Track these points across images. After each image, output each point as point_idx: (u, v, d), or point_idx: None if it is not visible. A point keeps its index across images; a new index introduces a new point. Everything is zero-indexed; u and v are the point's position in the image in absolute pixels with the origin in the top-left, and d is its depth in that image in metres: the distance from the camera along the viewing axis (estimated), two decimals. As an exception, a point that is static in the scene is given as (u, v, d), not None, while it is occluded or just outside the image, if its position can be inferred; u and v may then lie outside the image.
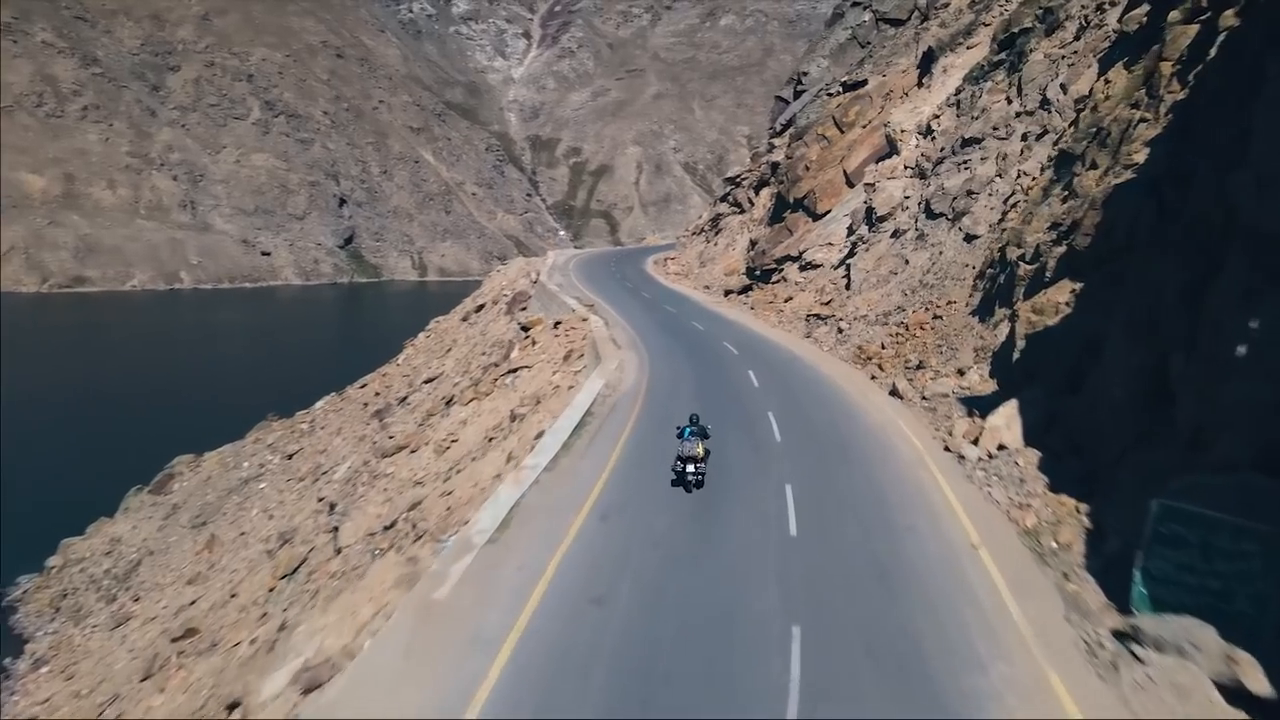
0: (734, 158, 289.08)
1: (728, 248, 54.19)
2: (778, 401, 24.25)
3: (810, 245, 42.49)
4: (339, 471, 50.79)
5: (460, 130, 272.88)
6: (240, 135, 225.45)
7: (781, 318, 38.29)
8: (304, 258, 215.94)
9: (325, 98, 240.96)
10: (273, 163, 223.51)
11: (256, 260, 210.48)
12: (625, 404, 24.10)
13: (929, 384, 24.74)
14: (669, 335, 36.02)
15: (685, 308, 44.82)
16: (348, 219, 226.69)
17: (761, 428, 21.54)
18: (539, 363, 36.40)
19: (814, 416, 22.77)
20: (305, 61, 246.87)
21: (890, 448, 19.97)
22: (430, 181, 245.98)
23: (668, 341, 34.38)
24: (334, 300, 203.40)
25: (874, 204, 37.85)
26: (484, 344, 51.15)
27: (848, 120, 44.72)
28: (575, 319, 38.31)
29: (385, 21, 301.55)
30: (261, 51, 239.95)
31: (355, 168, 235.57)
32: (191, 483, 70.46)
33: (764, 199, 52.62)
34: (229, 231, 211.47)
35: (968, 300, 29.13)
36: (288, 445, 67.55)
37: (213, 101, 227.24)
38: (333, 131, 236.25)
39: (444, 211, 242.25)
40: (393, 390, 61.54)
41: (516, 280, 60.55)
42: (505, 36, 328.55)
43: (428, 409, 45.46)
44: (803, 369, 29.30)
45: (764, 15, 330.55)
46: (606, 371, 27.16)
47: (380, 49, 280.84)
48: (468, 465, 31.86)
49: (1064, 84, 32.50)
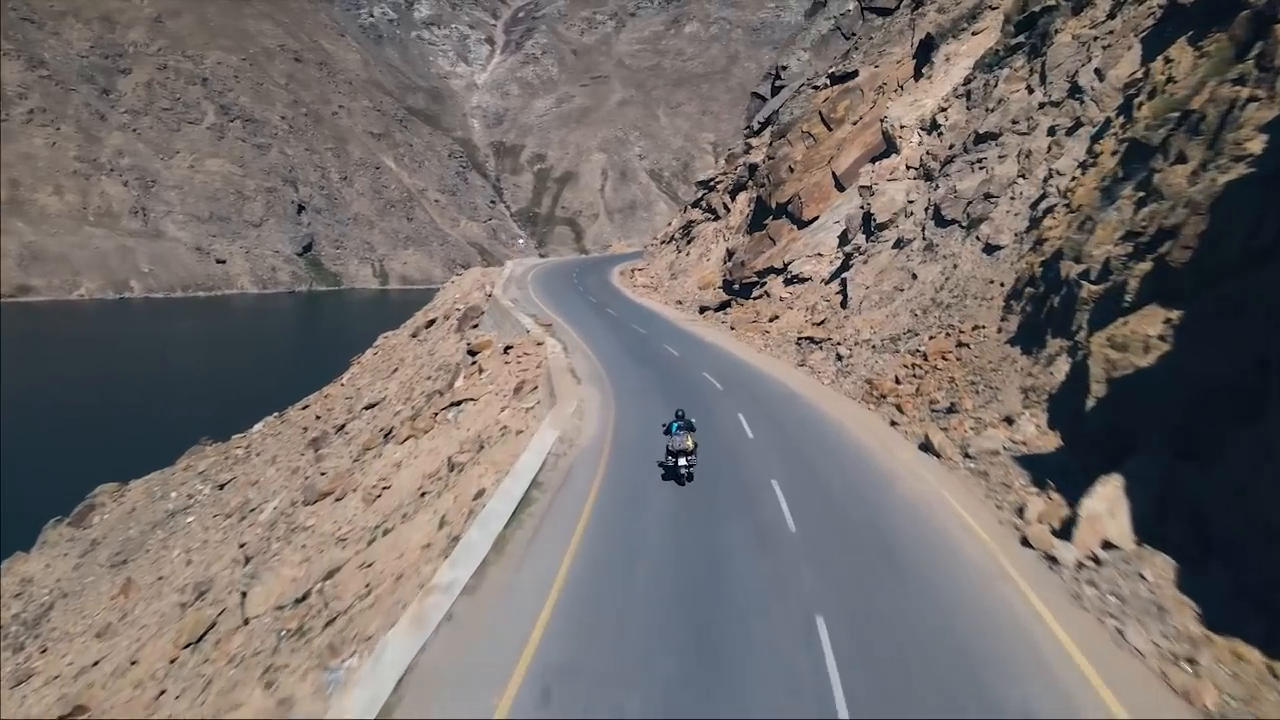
0: (700, 164, 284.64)
1: (701, 258, 48.48)
2: (781, 461, 18.56)
3: (796, 256, 36.99)
4: (265, 512, 44.52)
5: (423, 136, 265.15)
6: (194, 140, 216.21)
7: (768, 340, 32.62)
8: (260, 266, 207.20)
9: (283, 102, 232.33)
10: (228, 168, 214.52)
11: (211, 268, 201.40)
12: (584, 468, 18.26)
13: (970, 436, 19.19)
14: (638, 364, 30.13)
15: (656, 327, 38.89)
16: (306, 226, 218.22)
17: (766, 507, 15.78)
18: (486, 395, 30.40)
19: (833, 486, 17.05)
20: (262, 65, 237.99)
21: (946, 541, 14.29)
22: (392, 188, 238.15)
23: (638, 373, 28.49)
24: (291, 309, 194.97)
25: (872, 209, 32.39)
26: (430, 366, 44.99)
27: (836, 116, 39.34)
28: (529, 342, 32.34)
29: (345, 25, 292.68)
30: (216, 54, 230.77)
31: (314, 174, 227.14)
32: (114, 515, 63.60)
33: (741, 204, 47.02)
34: (182, 239, 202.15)
35: (999, 325, 23.67)
36: (220, 474, 60.92)
37: (165, 105, 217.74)
38: (291, 137, 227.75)
39: (406, 219, 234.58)
40: (333, 414, 55.10)
41: (470, 293, 54.45)
42: (468, 42, 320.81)
43: (364, 442, 39.20)
44: (804, 410, 23.58)
45: (728, 23, 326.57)
46: (561, 418, 21.28)
47: (340, 53, 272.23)
48: (396, 525, 25.96)
49: (1099, 69, 27.29)
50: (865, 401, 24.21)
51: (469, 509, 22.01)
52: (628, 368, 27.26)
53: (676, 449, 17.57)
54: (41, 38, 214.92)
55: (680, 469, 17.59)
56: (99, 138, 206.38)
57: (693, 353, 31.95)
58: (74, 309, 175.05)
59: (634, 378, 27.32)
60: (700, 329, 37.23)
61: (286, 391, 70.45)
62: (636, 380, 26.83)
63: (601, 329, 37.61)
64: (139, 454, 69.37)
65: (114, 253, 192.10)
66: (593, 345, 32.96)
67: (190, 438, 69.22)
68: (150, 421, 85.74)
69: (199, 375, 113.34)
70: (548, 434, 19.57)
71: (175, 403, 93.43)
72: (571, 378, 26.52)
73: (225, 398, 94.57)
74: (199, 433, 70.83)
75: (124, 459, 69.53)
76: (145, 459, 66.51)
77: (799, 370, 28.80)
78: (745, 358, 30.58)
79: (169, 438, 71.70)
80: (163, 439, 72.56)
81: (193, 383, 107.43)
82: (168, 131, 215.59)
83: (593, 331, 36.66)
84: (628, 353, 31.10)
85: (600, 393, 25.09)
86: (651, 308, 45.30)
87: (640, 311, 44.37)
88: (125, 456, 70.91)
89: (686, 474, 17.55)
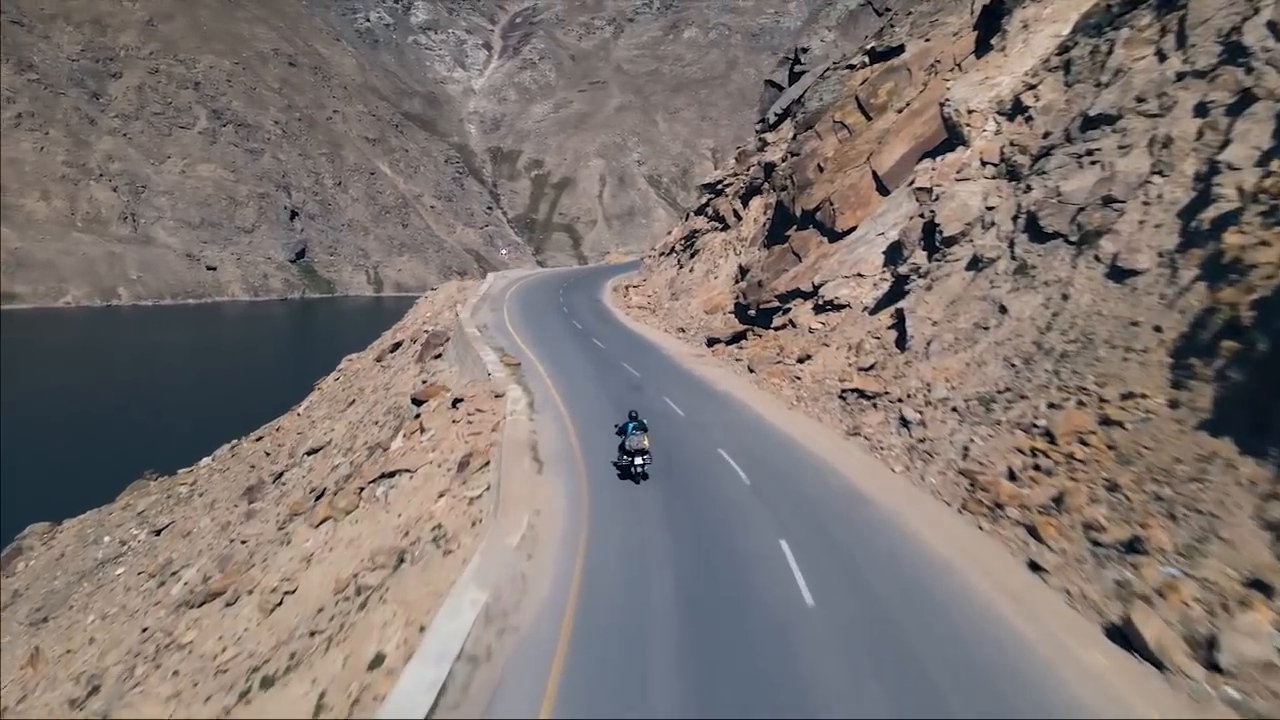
0: (699, 170, 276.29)
1: (708, 275, 39.72)
2: (874, 671, 10.11)
3: (830, 276, 28.61)
4: (185, 575, 36.26)
5: (419, 142, 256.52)
6: (186, 145, 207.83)
7: (799, 390, 24.11)
8: (252, 272, 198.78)
9: (276, 107, 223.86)
10: (220, 173, 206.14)
11: (201, 275, 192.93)
12: (521, 678, 9.78)
13: (1196, 615, 10.72)
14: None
15: (653, 367, 29.85)
16: (299, 232, 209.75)
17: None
18: (425, 466, 22.01)
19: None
20: (255, 69, 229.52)
21: None
22: (387, 194, 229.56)
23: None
24: (282, 317, 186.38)
25: (937, 218, 23.97)
26: (382, 406, 36.49)
27: (877, 102, 30.97)
28: (487, 393, 23.85)
29: (341, 30, 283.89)
30: (209, 59, 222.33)
31: (308, 179, 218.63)
32: (41, 561, 55.28)
33: (756, 211, 38.27)
34: (172, 245, 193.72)
35: (1172, 394, 15.24)
36: (159, 515, 52.51)
37: (157, 109, 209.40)
38: (284, 142, 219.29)
39: (401, 225, 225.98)
40: (281, 452, 46.64)
41: (441, 312, 46.03)
42: (465, 47, 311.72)
43: (292, 504, 30.74)
44: (881, 532, 14.72)
45: (727, 28, 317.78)
46: (498, 559, 12.79)
47: (335, 58, 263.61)
48: (279, 673, 17.63)
49: (1275, 20, 18.94)
50: (969, 510, 15.66)
51: (354, 694, 13.62)
52: (614, 441, 18.84)
53: (633, 449, 18.01)
54: (31, 41, 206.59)
55: (635, 468, 18.01)
56: (88, 142, 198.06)
57: (703, 410, 23.18)
58: (60, 316, 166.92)
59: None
60: (710, 370, 28.54)
61: (258, 410, 61.95)
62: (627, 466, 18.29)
63: (584, 369, 28.99)
64: (88, 483, 61.12)
65: (102, 259, 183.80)
66: (569, 398, 24.35)
67: (151, 459, 61.28)
68: (112, 441, 77.12)
69: (174, 389, 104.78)
70: (467, 600, 11.12)
71: (137, 422, 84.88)
72: (530, 461, 18.02)
73: (196, 414, 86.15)
74: (157, 456, 62.24)
75: (73, 487, 61.26)
76: (94, 488, 58.32)
77: (851, 442, 20.20)
78: (774, 420, 21.89)
79: (123, 463, 63.59)
80: (116, 465, 64.30)
81: (166, 397, 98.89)
82: (159, 136, 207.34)
83: (572, 373, 28.09)
84: (615, 408, 22.57)
85: (569, 494, 16.52)
86: (648, 337, 36.30)
87: (634, 343, 35.47)
88: (74, 484, 62.60)
89: (641, 472, 17.98)
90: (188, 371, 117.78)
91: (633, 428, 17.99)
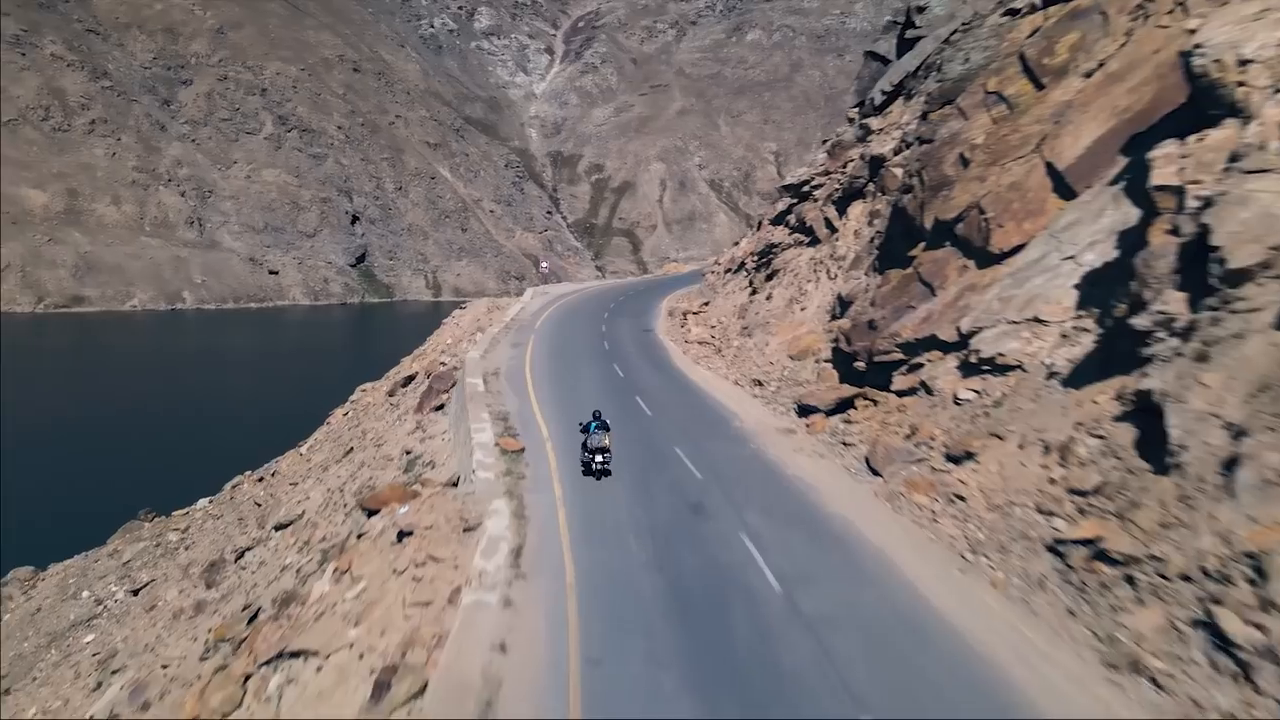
0: (761, 175, 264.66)
1: (791, 305, 29.00)
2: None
3: (987, 319, 18.53)
4: (115, 686, 27.74)
5: (479, 146, 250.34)
6: (252, 150, 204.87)
7: (966, 525, 13.75)
8: (313, 277, 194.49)
9: (340, 112, 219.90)
10: (284, 178, 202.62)
11: (263, 279, 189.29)
12: None
13: None
14: (696, 646, 11.03)
15: (724, 459, 20.35)
16: (360, 236, 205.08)
17: None
18: (339, 652, 12.69)
19: None
20: (320, 75, 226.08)
21: None
22: (447, 198, 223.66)
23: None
24: (341, 322, 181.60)
25: (1212, 235, 13.74)
26: (364, 473, 27.30)
27: (1051, 62, 20.60)
28: (452, 518, 14.26)
29: (406, 36, 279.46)
30: (276, 65, 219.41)
31: (369, 184, 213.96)
32: (18, 615, 47.78)
33: (857, 221, 27.50)
34: (236, 249, 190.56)
35: None
36: (142, 570, 44.45)
37: (225, 116, 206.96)
38: (347, 147, 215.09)
39: (460, 229, 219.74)
40: (263, 511, 38.03)
41: (462, 339, 36.87)
42: (527, 52, 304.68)
43: (219, 627, 21.82)
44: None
45: (791, 30, 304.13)
46: None
47: (399, 64, 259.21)
48: None
49: None
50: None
51: None
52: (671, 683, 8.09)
53: (594, 446, 18.68)
54: (106, 49, 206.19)
55: (596, 465, 18.72)
56: (158, 148, 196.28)
57: (818, 579, 12.54)
58: (124, 320, 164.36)
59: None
60: (809, 467, 17.85)
61: (298, 423, 53.00)
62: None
63: (620, 466, 19.03)
64: (101, 511, 54.02)
65: (168, 263, 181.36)
66: (587, 537, 14.26)
67: (179, 479, 54.40)
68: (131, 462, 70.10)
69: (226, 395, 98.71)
70: None
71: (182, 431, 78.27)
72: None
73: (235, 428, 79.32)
74: (191, 469, 57.68)
75: (91, 512, 54.29)
76: (106, 516, 51.15)
77: (1125, 681, 10.00)
78: (944, 609, 11.43)
79: (147, 484, 56.82)
80: (138, 487, 57.27)
81: (212, 406, 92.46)
82: (226, 142, 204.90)
83: (594, 473, 18.23)
84: (665, 580, 11.93)
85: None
86: (714, 394, 26.33)
87: (694, 405, 25.05)
88: (95, 507, 55.69)
89: (601, 469, 18.72)
90: (241, 377, 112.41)
91: (595, 426, 18.52)
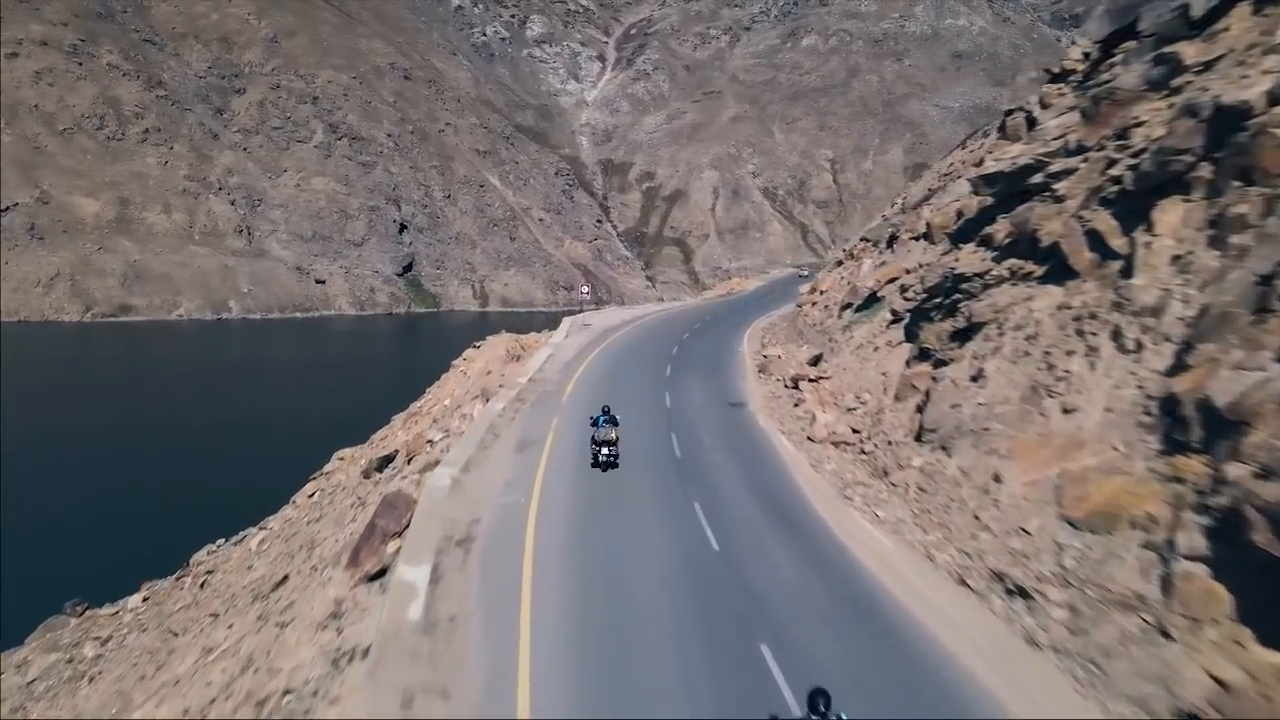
0: (816, 181, 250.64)
1: (1037, 395, 14.54)
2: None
3: None
4: None
5: (529, 154, 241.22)
6: (301, 158, 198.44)
7: None
8: (359, 286, 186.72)
9: (390, 120, 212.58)
10: (333, 187, 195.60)
11: (310, 289, 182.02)
12: None
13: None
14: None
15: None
16: (408, 245, 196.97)
17: None
18: None
19: None
20: (371, 83, 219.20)
21: None
22: (495, 206, 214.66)
23: None
24: (386, 333, 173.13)
25: None
26: (259, 668, 15.91)
27: None
28: None
29: (458, 44, 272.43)
30: (328, 73, 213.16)
31: (418, 192, 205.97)
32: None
33: (1175, 234, 14.51)
34: (284, 258, 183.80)
35: None
36: (37, 701, 31.59)
37: (276, 124, 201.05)
38: (396, 154, 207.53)
39: (509, 238, 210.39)
40: (220, 598, 26.98)
41: (463, 403, 25.57)
42: (579, 59, 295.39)
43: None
44: None
45: (848, 34, 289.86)
46: None
47: (450, 71, 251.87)
48: None
49: None
50: None
51: None
52: None
53: (602, 439, 19.59)
54: (162, 59, 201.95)
55: (603, 457, 19.65)
56: (210, 156, 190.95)
57: None
58: (169, 330, 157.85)
59: None
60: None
61: (325, 445, 41.85)
62: None
63: None
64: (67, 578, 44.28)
65: (215, 272, 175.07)
66: None
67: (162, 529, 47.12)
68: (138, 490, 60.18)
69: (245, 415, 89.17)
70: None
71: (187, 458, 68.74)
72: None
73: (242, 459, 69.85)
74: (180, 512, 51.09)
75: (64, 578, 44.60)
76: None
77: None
78: None
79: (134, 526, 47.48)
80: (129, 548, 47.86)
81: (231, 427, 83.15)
82: (277, 150, 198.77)
83: None
84: None
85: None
86: (914, 613, 13.39)
87: (897, 658, 12.34)
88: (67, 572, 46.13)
89: (609, 461, 19.69)
90: (271, 393, 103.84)
91: (603, 420, 19.76)
